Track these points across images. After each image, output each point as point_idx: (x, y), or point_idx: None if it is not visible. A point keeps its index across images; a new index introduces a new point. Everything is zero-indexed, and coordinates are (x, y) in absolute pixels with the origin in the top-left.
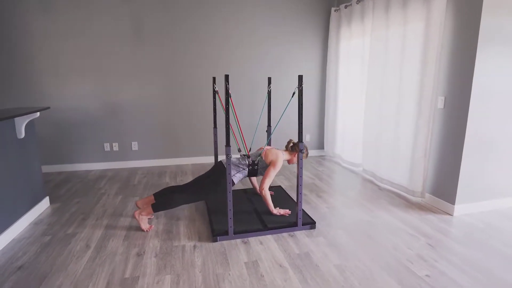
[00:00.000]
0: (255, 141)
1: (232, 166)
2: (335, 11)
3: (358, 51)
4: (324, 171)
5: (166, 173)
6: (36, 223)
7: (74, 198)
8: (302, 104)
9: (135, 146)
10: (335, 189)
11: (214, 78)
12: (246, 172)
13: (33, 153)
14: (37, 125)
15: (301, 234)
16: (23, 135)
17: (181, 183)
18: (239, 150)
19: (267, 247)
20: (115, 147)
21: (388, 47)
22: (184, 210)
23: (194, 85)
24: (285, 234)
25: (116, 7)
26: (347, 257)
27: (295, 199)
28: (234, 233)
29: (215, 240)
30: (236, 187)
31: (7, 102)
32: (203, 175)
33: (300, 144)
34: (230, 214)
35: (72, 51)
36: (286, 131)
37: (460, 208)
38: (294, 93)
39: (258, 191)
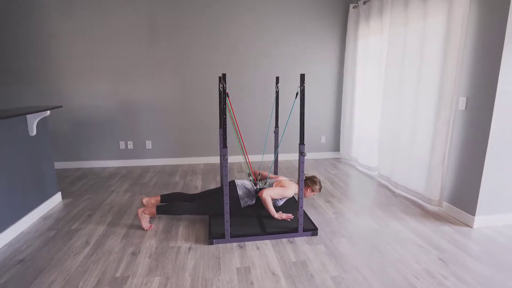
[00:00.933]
0: (268, 143)
1: (244, 190)
2: (353, 7)
3: (376, 50)
4: (338, 174)
5: (177, 172)
6: (45, 218)
7: (85, 194)
8: (304, 105)
9: (149, 144)
10: (346, 194)
11: (219, 78)
12: (254, 201)
13: (46, 150)
14: (57, 122)
15: (301, 241)
16: (34, 132)
17: (190, 184)
18: (249, 175)
19: (263, 252)
20: (130, 145)
21: (407, 45)
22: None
23: (207, 85)
24: (284, 240)
25: (131, 8)
26: (346, 268)
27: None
28: (231, 237)
29: (211, 243)
30: None
31: (27, 101)
32: (212, 190)
33: (301, 146)
34: (227, 217)
35: (90, 51)
36: (296, 133)
37: (481, 220)
38: (297, 94)
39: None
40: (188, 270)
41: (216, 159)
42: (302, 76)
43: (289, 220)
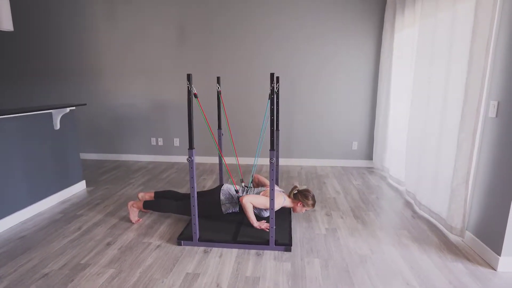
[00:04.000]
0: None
1: (227, 195)
2: None
3: (409, 45)
4: (359, 186)
5: (196, 170)
6: (63, 202)
7: (106, 185)
8: (275, 105)
9: (176, 142)
10: (355, 209)
11: (218, 78)
12: (237, 208)
13: (70, 142)
14: (101, 119)
15: (270, 255)
16: (58, 127)
17: (200, 184)
18: (242, 181)
19: (223, 261)
20: (160, 142)
21: (435, 39)
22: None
23: (232, 85)
24: (253, 252)
25: (163, 14)
26: None
27: (293, 215)
28: (199, 240)
29: (180, 244)
30: None
31: (77, 99)
32: (201, 192)
33: (271, 152)
34: (194, 219)
35: (127, 55)
36: (305, 135)
37: (508, 262)
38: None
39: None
40: (142, 268)
41: (235, 160)
42: (272, 75)
43: (267, 230)
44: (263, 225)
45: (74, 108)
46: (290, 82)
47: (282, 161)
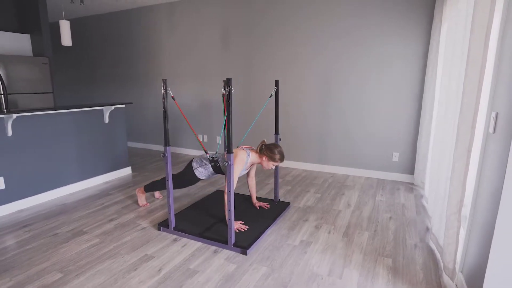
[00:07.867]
0: (305, 149)
1: (196, 159)
2: None
3: (450, 41)
4: (381, 202)
5: None
6: (107, 182)
7: (147, 172)
8: (230, 107)
9: (218, 140)
10: (353, 226)
11: (223, 82)
12: (209, 167)
13: (118, 134)
14: (161, 115)
15: (224, 254)
16: (107, 121)
17: (219, 180)
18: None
19: (181, 251)
20: (205, 138)
21: (457, 33)
22: (188, 198)
23: (270, 87)
24: (213, 248)
25: (211, 23)
26: None
27: (277, 220)
28: (175, 229)
29: (159, 229)
30: (238, 191)
31: (138, 97)
32: (182, 171)
33: (227, 155)
34: (170, 209)
35: (180, 60)
36: (342, 142)
37: None
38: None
39: (253, 201)
40: (118, 243)
41: None
42: (228, 80)
43: (243, 230)
44: (237, 225)
45: (123, 105)
46: (330, 86)
47: (313, 167)
